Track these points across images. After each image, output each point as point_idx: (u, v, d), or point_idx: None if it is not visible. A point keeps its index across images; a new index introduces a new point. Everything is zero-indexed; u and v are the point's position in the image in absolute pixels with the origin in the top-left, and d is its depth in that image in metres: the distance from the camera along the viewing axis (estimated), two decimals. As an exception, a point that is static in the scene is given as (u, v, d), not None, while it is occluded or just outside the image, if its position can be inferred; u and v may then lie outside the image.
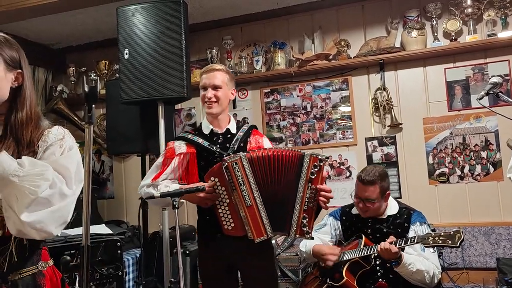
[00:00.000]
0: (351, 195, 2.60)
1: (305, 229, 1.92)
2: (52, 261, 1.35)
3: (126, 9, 2.76)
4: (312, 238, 2.03)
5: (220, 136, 2.18)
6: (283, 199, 1.97)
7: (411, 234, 2.33)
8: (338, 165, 3.48)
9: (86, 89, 0.92)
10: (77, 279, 1.18)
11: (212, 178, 1.99)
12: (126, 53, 2.74)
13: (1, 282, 1.22)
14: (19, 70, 1.32)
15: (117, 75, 3.72)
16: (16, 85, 1.31)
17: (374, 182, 2.37)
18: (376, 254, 2.24)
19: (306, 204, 1.91)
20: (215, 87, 2.15)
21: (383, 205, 2.43)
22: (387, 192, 2.43)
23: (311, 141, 3.56)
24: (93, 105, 0.94)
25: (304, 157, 1.94)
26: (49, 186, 1.15)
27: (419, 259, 2.23)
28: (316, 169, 1.91)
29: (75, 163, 1.29)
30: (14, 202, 1.12)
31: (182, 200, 2.05)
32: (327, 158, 2.00)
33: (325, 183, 1.99)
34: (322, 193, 1.92)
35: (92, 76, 4.00)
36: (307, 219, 1.92)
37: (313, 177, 1.91)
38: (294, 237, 1.98)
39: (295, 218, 1.93)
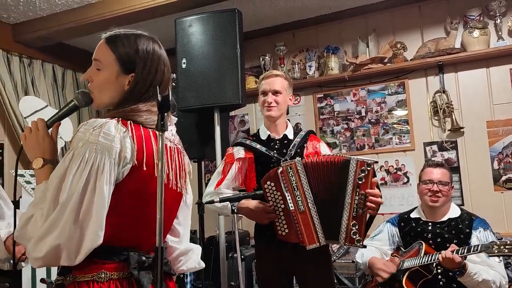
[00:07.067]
0: (419, 179, 2.47)
1: (355, 237, 1.86)
2: (128, 274, 1.10)
3: (183, 20, 2.87)
4: (364, 247, 1.94)
5: (277, 141, 2.21)
6: (335, 206, 1.93)
7: (473, 240, 2.23)
8: (395, 170, 3.38)
9: (159, 98, 0.97)
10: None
11: (268, 183, 2.01)
12: (184, 62, 2.84)
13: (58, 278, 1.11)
14: (133, 74, 1.17)
15: (173, 83, 3.85)
16: (128, 88, 1.17)
17: (444, 165, 2.45)
18: (437, 263, 2.15)
19: (355, 210, 1.86)
20: (275, 92, 2.19)
21: (449, 203, 2.37)
22: (452, 185, 2.42)
23: (366, 146, 3.49)
24: (166, 113, 0.99)
25: (349, 161, 1.88)
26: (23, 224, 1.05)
27: (485, 268, 2.12)
28: (363, 174, 1.85)
29: (58, 177, 1.03)
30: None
31: (240, 215, 2.11)
32: (376, 161, 1.94)
33: (379, 190, 1.90)
34: (370, 197, 1.85)
35: (150, 85, 4.16)
36: (357, 227, 1.87)
37: (360, 182, 1.85)
38: (344, 245, 1.94)
39: (344, 225, 1.89)
